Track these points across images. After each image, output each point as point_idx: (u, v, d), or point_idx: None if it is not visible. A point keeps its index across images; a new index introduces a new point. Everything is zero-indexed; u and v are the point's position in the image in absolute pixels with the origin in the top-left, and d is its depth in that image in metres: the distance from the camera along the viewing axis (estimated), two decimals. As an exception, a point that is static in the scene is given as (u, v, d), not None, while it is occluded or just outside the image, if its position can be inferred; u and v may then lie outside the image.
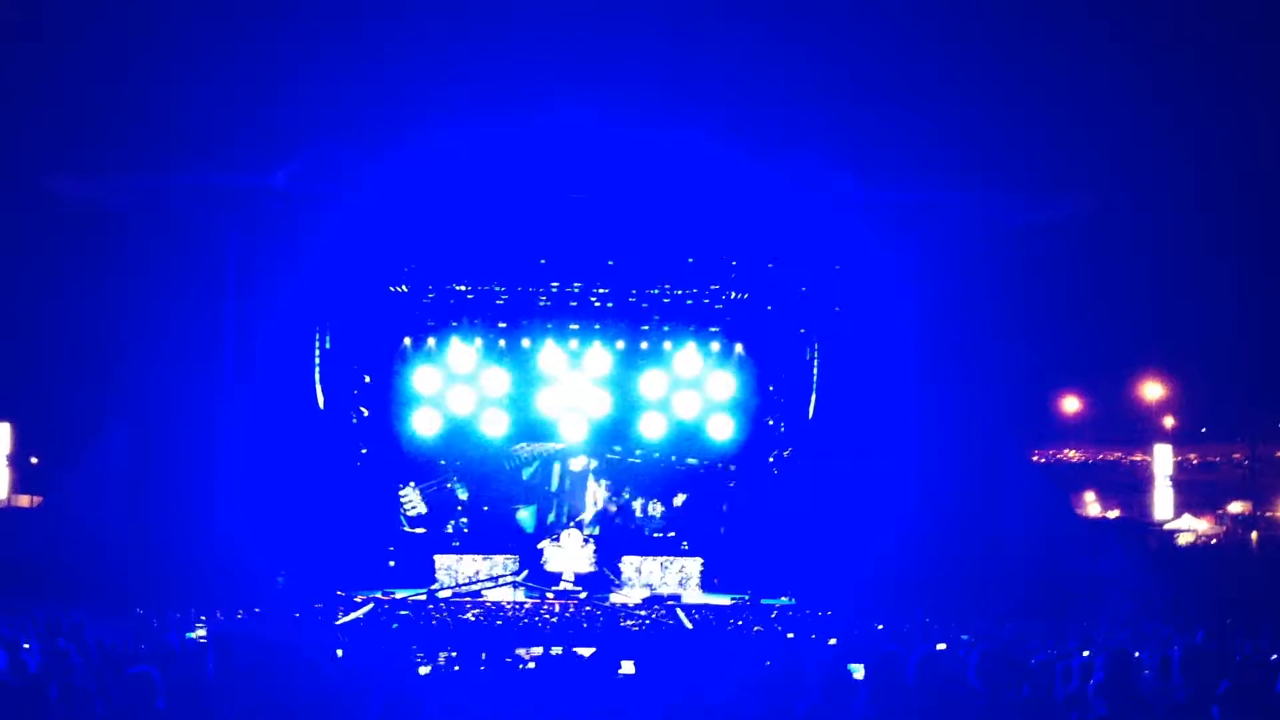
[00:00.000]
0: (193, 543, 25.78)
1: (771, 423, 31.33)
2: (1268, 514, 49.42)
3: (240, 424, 27.07)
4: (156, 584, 23.06)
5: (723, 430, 30.78)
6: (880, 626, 19.24)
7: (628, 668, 9.02)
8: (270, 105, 24.10)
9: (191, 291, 26.44)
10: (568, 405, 30.68)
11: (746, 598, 27.00)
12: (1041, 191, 26.44)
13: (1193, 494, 52.95)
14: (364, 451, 30.70)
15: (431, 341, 30.97)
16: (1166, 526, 46.67)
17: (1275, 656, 10.75)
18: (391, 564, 30.45)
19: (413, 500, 31.08)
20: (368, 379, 31.06)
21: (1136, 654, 9.73)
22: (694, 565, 29.12)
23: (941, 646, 12.42)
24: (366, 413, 30.92)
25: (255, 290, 27.51)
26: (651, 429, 30.68)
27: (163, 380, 26.28)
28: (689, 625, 22.98)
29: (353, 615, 21.58)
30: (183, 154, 25.03)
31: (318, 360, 29.29)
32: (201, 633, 13.24)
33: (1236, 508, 51.23)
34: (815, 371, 30.05)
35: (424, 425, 30.79)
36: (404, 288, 29.78)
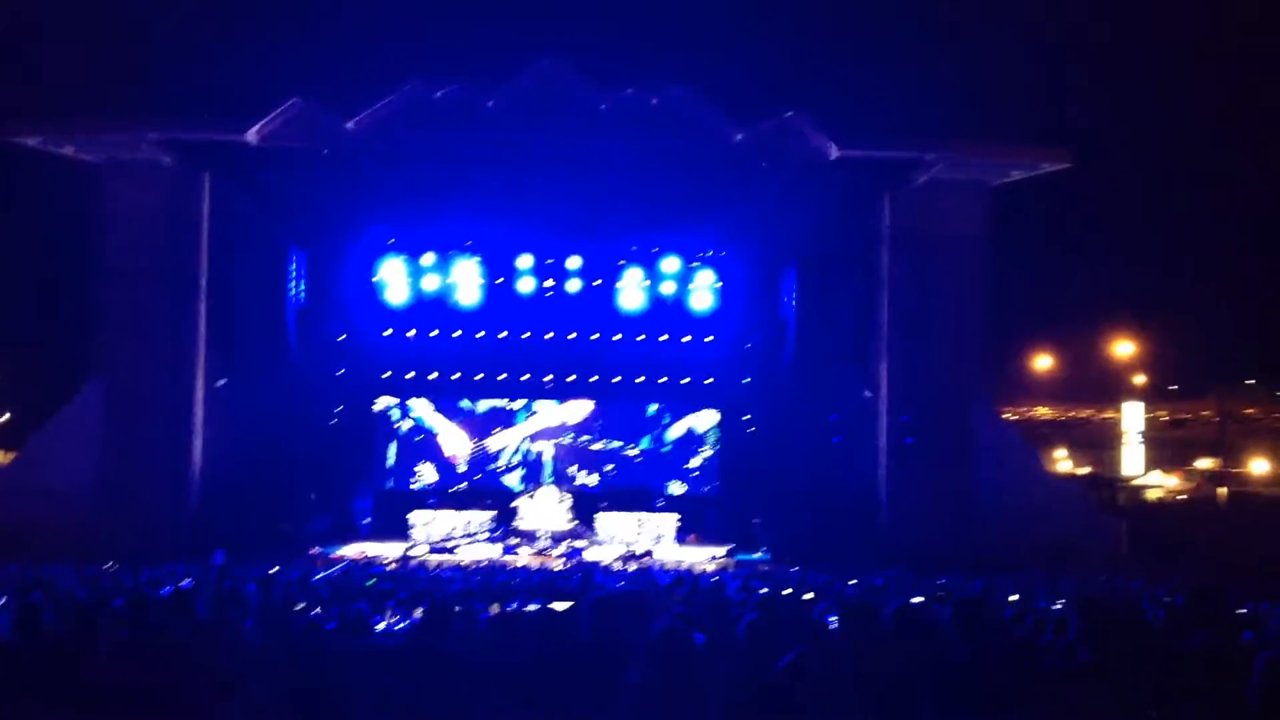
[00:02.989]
0: (170, 496, 25.82)
1: (748, 381, 31.50)
2: (1235, 470, 49.96)
3: (215, 377, 27.01)
4: (131, 539, 23.06)
5: (703, 300, 30.99)
6: (854, 582, 19.39)
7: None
8: (244, 61, 23.95)
9: (165, 247, 26.28)
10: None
11: (724, 553, 27.17)
12: (1015, 150, 26.51)
13: (1163, 450, 53.49)
14: (339, 411, 30.76)
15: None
16: (1135, 482, 47.15)
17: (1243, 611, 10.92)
18: (367, 520, 30.58)
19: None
20: (343, 337, 31.10)
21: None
22: (670, 521, 29.26)
23: (917, 600, 12.55)
24: (341, 369, 30.97)
25: (229, 246, 27.40)
26: (631, 299, 30.90)
27: (138, 337, 26.17)
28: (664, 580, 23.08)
29: (327, 572, 21.54)
30: (155, 110, 24.86)
31: (293, 321, 29.32)
32: (180, 587, 13.22)
33: (1205, 464, 51.78)
34: (792, 328, 30.21)
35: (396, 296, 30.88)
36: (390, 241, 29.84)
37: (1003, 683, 5.63)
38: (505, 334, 31.38)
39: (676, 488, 31.58)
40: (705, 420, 32.00)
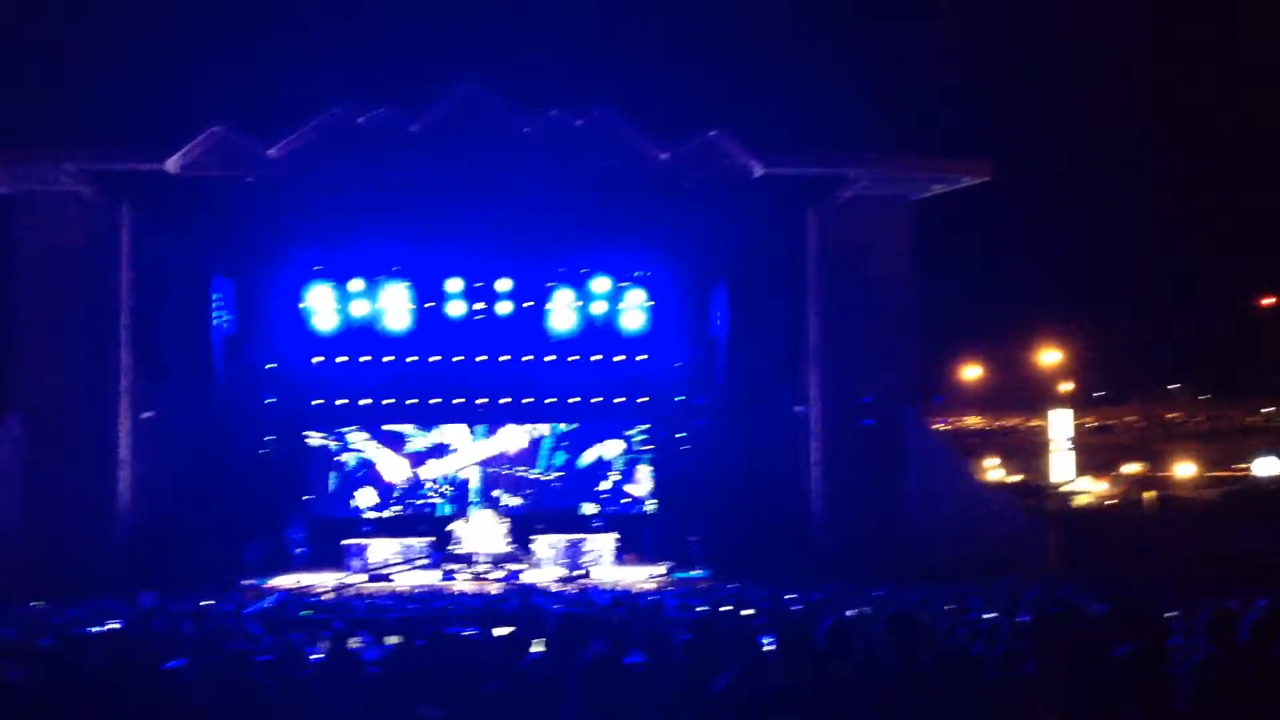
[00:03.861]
0: (97, 531, 25.37)
1: (681, 399, 31.62)
2: (1162, 474, 50.86)
3: (140, 409, 26.62)
4: (57, 575, 22.62)
5: (634, 320, 31.02)
6: (791, 597, 19.48)
7: (538, 646, 9.05)
8: (163, 89, 23.68)
9: (85, 279, 25.86)
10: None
11: (662, 571, 27.18)
12: (935, 164, 26.88)
13: (1091, 456, 54.31)
14: (269, 441, 30.45)
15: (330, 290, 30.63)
16: (1064, 489, 47.84)
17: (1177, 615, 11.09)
18: (301, 549, 30.22)
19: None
20: (272, 366, 30.83)
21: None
22: (607, 541, 29.22)
23: (852, 613, 12.65)
24: (272, 397, 30.69)
25: (152, 276, 27.06)
26: (561, 321, 30.82)
27: (59, 370, 25.70)
28: (602, 601, 23.04)
29: (260, 605, 21.27)
30: (71, 140, 24.48)
31: (218, 351, 28.99)
32: (111, 625, 13.00)
33: (1133, 468, 52.67)
34: (723, 346, 30.38)
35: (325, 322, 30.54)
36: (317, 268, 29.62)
37: (937, 696, 5.69)
38: (437, 358, 31.22)
39: (590, 508, 31.51)
40: (613, 448, 31.91)
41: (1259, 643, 6.07)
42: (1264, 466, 47.44)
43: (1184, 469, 50.72)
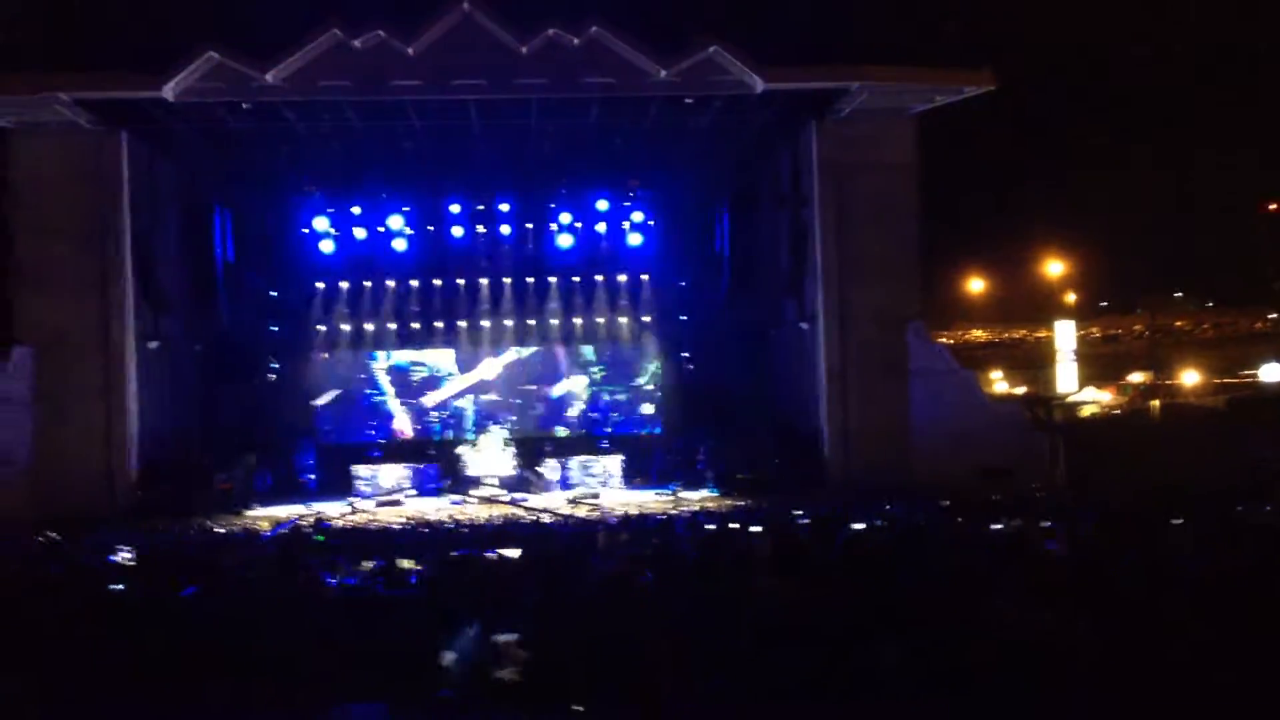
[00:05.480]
0: (108, 461, 25.54)
1: (685, 318, 31.63)
2: (1167, 382, 50.94)
3: (146, 339, 26.67)
4: (69, 506, 22.79)
5: (637, 240, 31.01)
6: (799, 512, 19.61)
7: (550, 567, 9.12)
8: (159, 15, 23.38)
9: (87, 208, 25.76)
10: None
11: (670, 492, 27.35)
12: (937, 74, 26.54)
13: (1096, 366, 54.38)
14: (275, 368, 30.55)
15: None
16: (1070, 399, 47.92)
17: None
18: (311, 476, 30.46)
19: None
20: (274, 294, 30.86)
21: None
22: (614, 463, 29.41)
23: (859, 526, 12.74)
24: (274, 325, 30.76)
25: (151, 206, 26.97)
26: (564, 241, 30.81)
27: (65, 300, 25.71)
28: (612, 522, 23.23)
29: (276, 531, 21.44)
30: (67, 69, 24.23)
31: (220, 280, 28.94)
32: (124, 555, 13.12)
33: (1138, 378, 52.74)
34: (727, 264, 30.30)
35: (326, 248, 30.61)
36: (312, 189, 29.42)
37: (937, 605, 5.74)
38: (439, 283, 31.18)
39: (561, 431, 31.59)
40: (616, 370, 31.90)
41: (1261, 546, 6.12)
42: (1270, 373, 47.47)
43: (1189, 377, 50.77)
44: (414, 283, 31.17)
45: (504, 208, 30.44)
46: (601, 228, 30.88)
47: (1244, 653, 4.88)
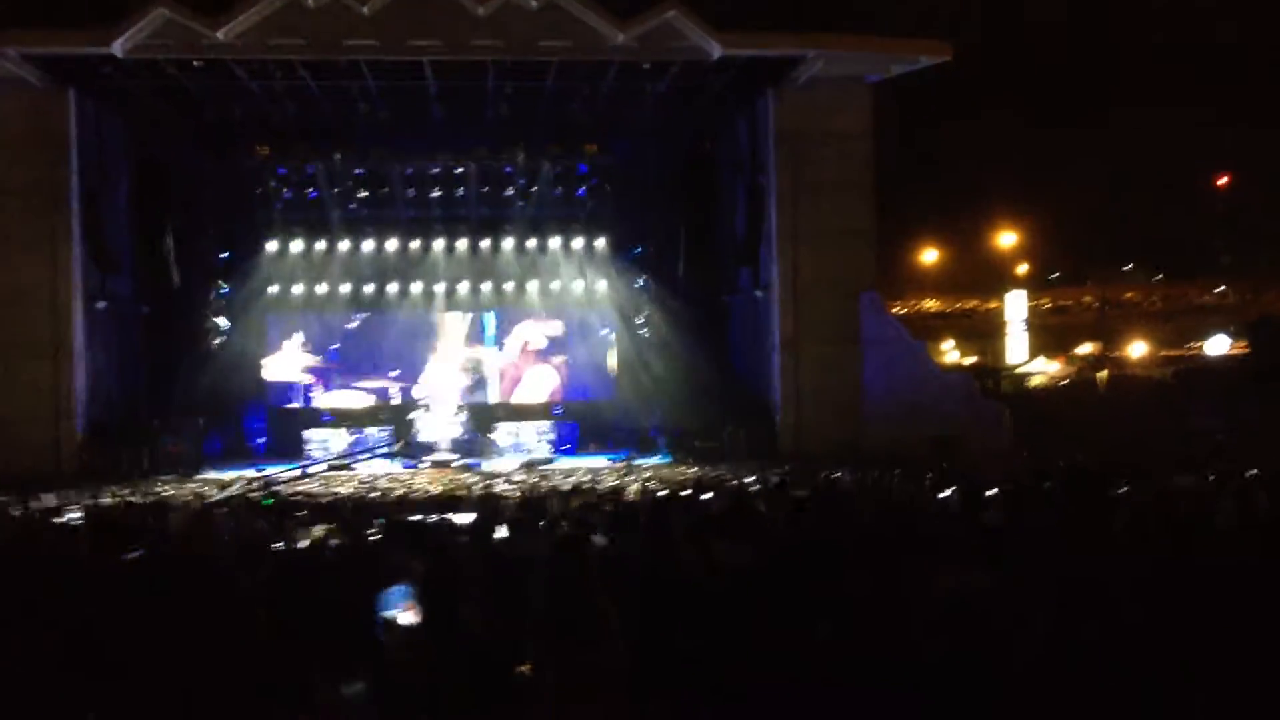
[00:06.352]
0: (55, 424, 25.32)
1: (640, 283, 31.58)
2: (1115, 354, 51.55)
3: (93, 300, 26.37)
4: (15, 469, 22.56)
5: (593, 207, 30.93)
6: (752, 479, 19.76)
7: (502, 532, 9.14)
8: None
9: (33, 166, 25.41)
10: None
11: (623, 459, 27.41)
12: (893, 43, 26.62)
13: (1046, 338, 54.94)
14: (224, 329, 30.20)
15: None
16: (1020, 370, 48.44)
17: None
18: (261, 440, 30.28)
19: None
20: (224, 255, 30.49)
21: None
22: (569, 429, 29.46)
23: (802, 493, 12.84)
24: (225, 288, 30.40)
25: (99, 164, 26.61)
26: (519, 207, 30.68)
27: (9, 258, 25.39)
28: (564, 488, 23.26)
29: (224, 494, 21.33)
30: (14, 23, 23.82)
31: (170, 242, 28.53)
32: (74, 515, 13.01)
33: (1087, 349, 53.35)
34: (683, 232, 30.27)
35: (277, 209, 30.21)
36: (264, 150, 28.97)
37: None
38: (394, 244, 30.84)
39: (551, 396, 31.54)
40: (567, 334, 31.81)
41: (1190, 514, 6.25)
42: (1215, 345, 48.17)
43: (1137, 349, 51.41)
44: (368, 244, 30.81)
45: (458, 169, 30.09)
46: (558, 191, 30.64)
47: (1176, 619, 4.98)
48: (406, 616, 6.68)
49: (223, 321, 30.22)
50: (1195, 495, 8.17)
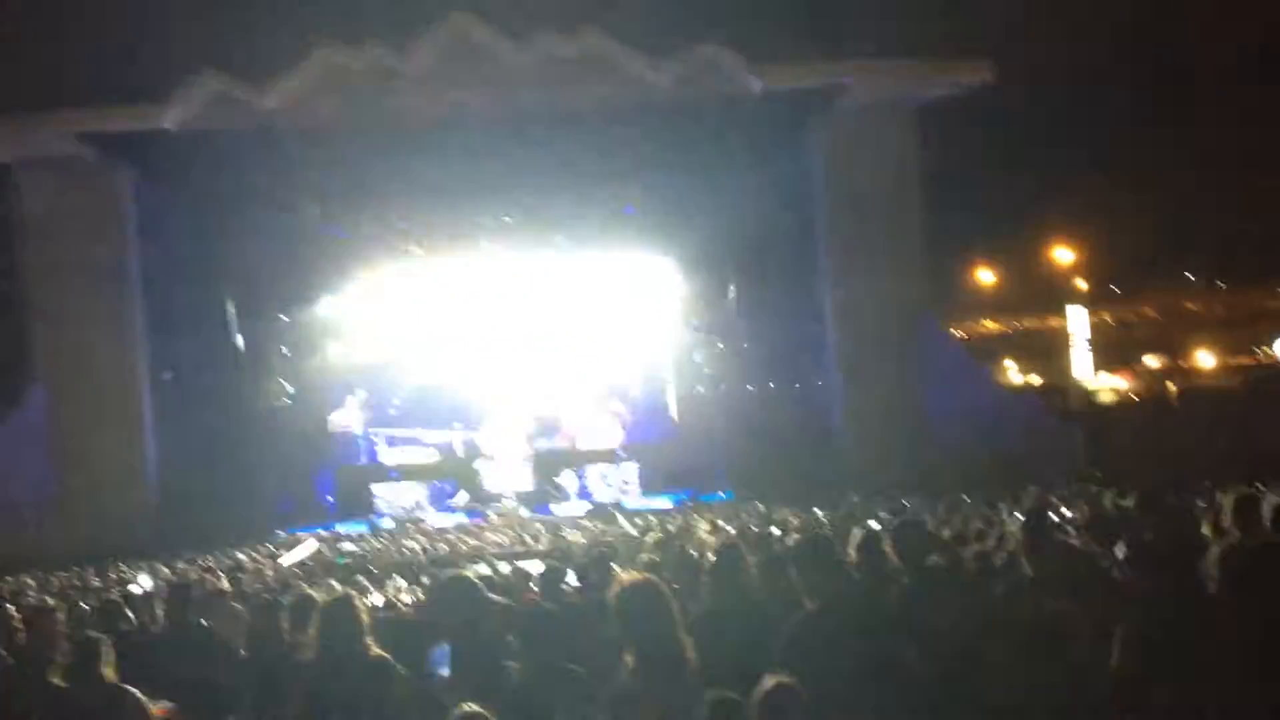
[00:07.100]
0: (127, 495, 25.60)
1: (695, 323, 31.51)
2: (1182, 364, 50.68)
3: (159, 370, 26.73)
4: (91, 543, 22.80)
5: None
6: (818, 510, 19.53)
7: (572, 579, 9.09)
8: (157, 47, 23.48)
9: (92, 243, 25.86)
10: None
11: (686, 498, 27.29)
12: (933, 66, 26.51)
13: (1111, 353, 54.09)
14: (290, 392, 30.48)
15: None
16: (1086, 387, 47.74)
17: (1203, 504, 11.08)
18: (330, 498, 30.47)
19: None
20: (284, 318, 30.78)
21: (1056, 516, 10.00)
22: (631, 470, 29.37)
23: (874, 524, 12.66)
24: (287, 351, 30.69)
25: (157, 236, 27.02)
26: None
27: (76, 336, 25.79)
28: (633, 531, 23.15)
29: (296, 555, 21.45)
30: (67, 102, 24.35)
31: (231, 309, 28.88)
32: (141, 586, 13.12)
33: (1153, 362, 52.47)
34: (735, 267, 30.19)
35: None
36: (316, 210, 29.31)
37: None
38: (448, 294, 30.91)
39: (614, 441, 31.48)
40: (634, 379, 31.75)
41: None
42: (1284, 349, 47.22)
43: (1204, 358, 50.52)
44: (423, 297, 30.99)
45: (506, 218, 30.02)
46: (607, 234, 30.58)
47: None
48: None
49: (286, 384, 30.52)
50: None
